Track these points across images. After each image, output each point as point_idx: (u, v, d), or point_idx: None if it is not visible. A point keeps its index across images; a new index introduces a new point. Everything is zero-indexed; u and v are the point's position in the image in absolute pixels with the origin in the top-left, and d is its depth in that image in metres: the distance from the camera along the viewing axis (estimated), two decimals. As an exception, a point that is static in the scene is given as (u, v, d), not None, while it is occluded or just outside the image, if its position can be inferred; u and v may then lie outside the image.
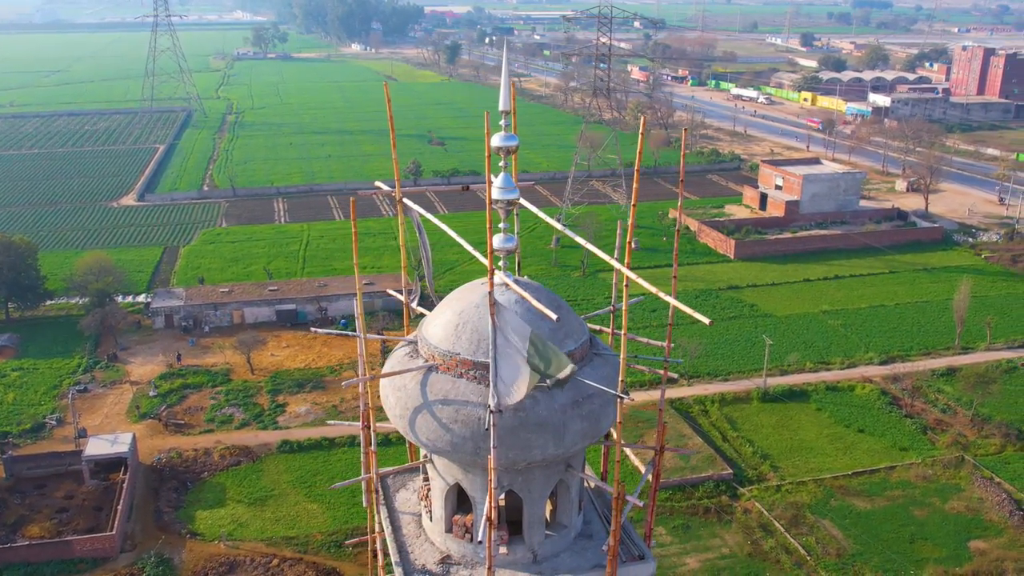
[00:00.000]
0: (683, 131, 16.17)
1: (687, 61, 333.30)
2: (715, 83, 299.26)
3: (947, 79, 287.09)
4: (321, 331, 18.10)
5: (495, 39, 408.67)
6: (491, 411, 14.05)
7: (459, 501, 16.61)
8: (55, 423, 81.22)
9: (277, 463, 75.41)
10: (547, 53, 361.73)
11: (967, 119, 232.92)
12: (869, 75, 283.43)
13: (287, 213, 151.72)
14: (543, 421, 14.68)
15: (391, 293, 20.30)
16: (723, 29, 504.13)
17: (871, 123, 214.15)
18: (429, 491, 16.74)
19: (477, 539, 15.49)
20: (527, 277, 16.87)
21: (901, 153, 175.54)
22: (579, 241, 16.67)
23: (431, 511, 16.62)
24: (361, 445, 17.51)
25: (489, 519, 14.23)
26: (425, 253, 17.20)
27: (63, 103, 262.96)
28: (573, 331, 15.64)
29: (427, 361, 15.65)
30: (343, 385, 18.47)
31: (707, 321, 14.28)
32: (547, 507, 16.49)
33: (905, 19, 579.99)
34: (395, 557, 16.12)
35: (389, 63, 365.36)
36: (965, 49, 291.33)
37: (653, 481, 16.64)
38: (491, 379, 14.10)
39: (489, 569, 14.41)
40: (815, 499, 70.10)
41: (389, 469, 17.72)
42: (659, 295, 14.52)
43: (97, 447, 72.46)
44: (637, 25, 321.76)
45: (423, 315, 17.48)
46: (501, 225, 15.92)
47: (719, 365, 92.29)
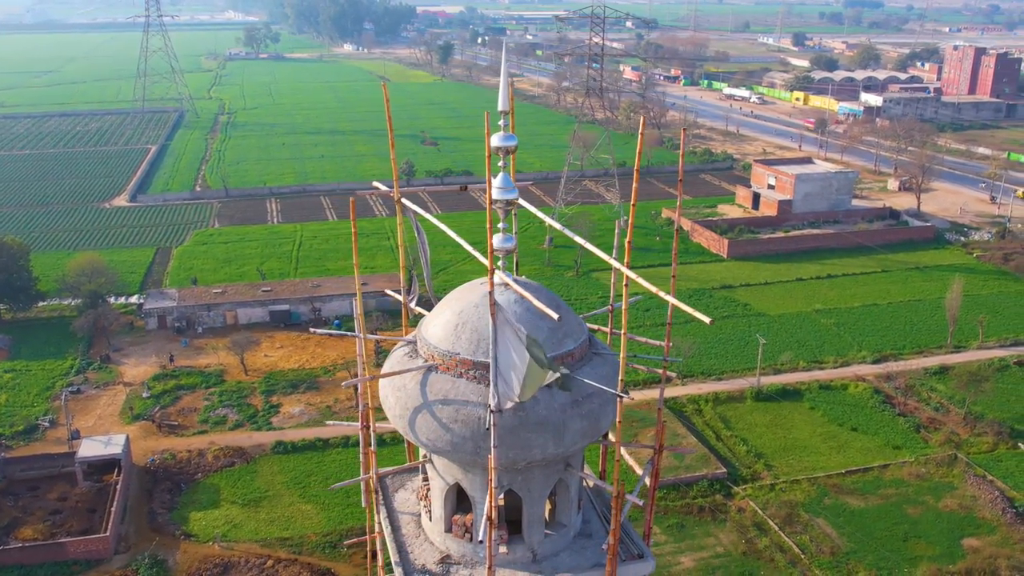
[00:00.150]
0: (682, 131, 16.20)
1: (679, 61, 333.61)
2: (707, 83, 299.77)
3: (938, 79, 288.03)
4: (320, 331, 18.09)
5: (488, 39, 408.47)
6: (491, 411, 14.07)
7: (458, 501, 16.62)
8: (48, 425, 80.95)
9: (271, 464, 75.30)
10: (540, 53, 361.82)
11: (958, 118, 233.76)
12: (861, 75, 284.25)
13: (280, 214, 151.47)
14: (543, 420, 14.71)
15: (389, 293, 20.29)
16: (715, 29, 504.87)
17: (863, 122, 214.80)
18: (428, 491, 16.75)
19: (478, 539, 15.51)
20: (525, 277, 16.88)
21: (893, 152, 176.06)
22: (579, 241, 16.69)
23: (430, 511, 16.63)
24: (360, 445, 17.50)
25: (489, 518, 14.25)
26: (424, 253, 17.19)
27: (54, 104, 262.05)
28: (573, 330, 15.66)
29: (427, 361, 15.66)
30: (343, 385, 18.46)
31: (707, 320, 14.32)
32: (546, 506, 16.50)
33: (896, 19, 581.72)
34: (395, 557, 16.13)
35: (381, 63, 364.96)
36: (956, 49, 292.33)
37: (652, 480, 16.67)
38: (491, 379, 14.11)
39: (489, 568, 14.43)
40: (809, 498, 70.28)
41: (388, 469, 17.72)
42: (659, 294, 14.54)
43: (90, 449, 72.23)
44: (629, 25, 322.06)
45: (420, 315, 17.50)
46: (500, 225, 15.93)
47: (713, 364, 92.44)
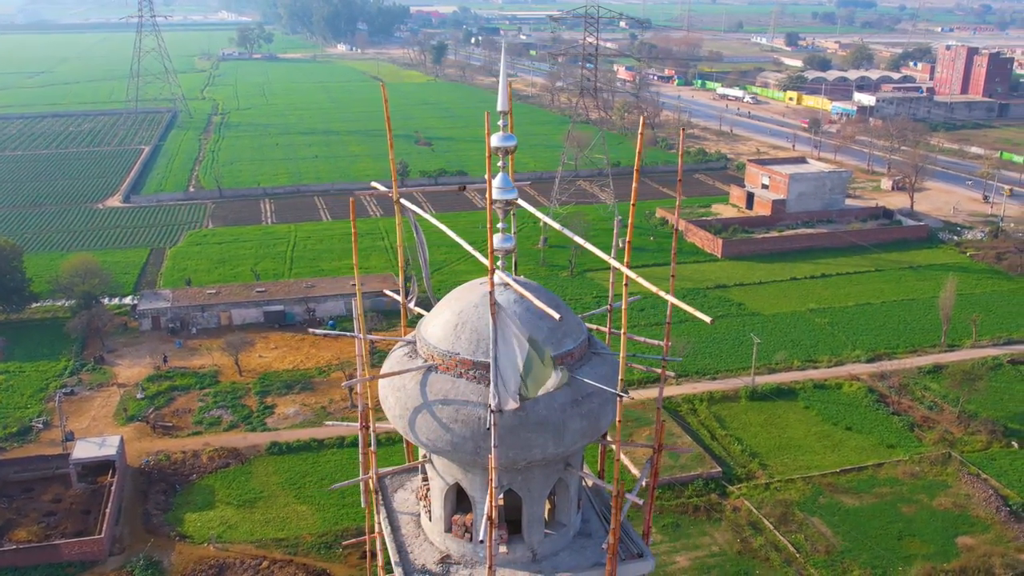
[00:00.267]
0: (680, 131, 16.22)
1: (673, 61, 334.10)
2: (701, 83, 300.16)
3: (931, 78, 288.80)
4: (319, 332, 18.07)
5: (481, 39, 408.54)
6: (492, 410, 14.07)
7: (458, 501, 16.63)
8: (42, 426, 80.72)
9: (266, 465, 75.19)
10: (533, 53, 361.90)
11: (951, 118, 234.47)
12: (854, 74, 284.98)
13: (274, 214, 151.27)
14: (543, 420, 14.72)
15: (388, 294, 20.27)
16: (709, 29, 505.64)
17: (856, 122, 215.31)
18: (428, 491, 16.75)
19: (478, 539, 15.51)
20: (523, 277, 16.89)
21: (886, 152, 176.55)
22: (579, 241, 16.70)
23: (430, 511, 16.63)
24: (360, 445, 17.49)
25: (490, 518, 14.26)
26: (422, 254, 17.18)
27: (47, 104, 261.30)
28: (572, 330, 15.68)
29: (426, 361, 15.65)
30: (343, 386, 18.42)
31: (708, 320, 14.34)
32: (546, 506, 16.51)
33: (889, 19, 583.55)
34: (395, 557, 16.12)
35: (375, 63, 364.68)
36: (949, 48, 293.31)
37: (651, 479, 16.70)
38: (491, 378, 14.11)
39: (490, 568, 14.44)
40: (804, 497, 70.41)
41: (387, 469, 17.71)
42: (660, 294, 14.56)
43: (84, 450, 72.00)
44: (623, 25, 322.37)
45: (417, 316, 17.49)
46: (499, 225, 15.93)
47: (707, 364, 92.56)
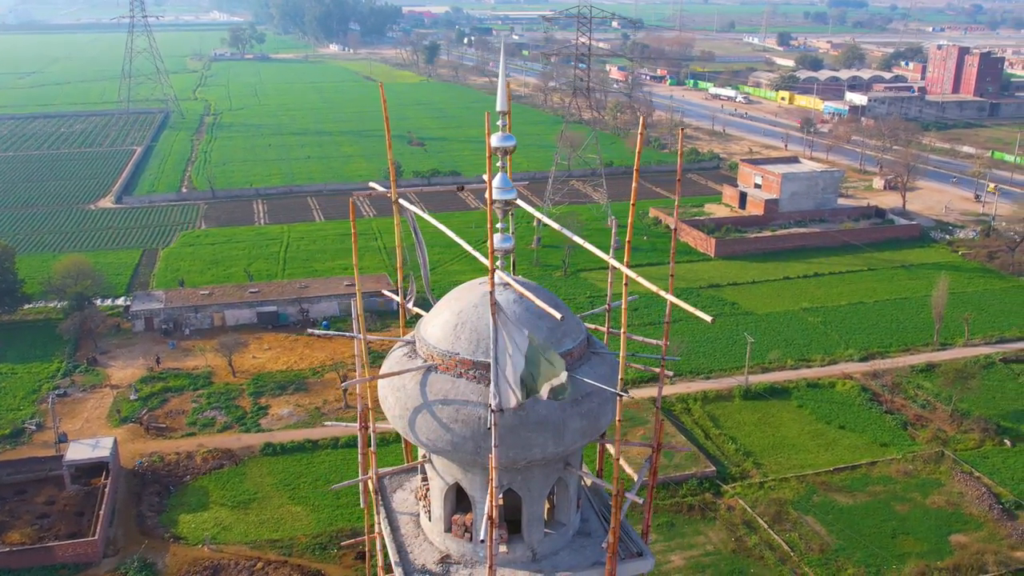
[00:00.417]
0: (679, 131, 16.26)
1: (665, 61, 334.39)
2: (693, 83, 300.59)
3: (923, 78, 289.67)
4: (318, 332, 18.06)
5: (474, 39, 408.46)
6: (492, 410, 14.09)
7: (457, 500, 16.65)
8: (35, 428, 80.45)
9: (260, 466, 75.07)
10: (526, 53, 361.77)
11: (943, 117, 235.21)
12: (846, 74, 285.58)
13: (267, 215, 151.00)
14: (543, 420, 14.74)
15: (386, 294, 20.27)
16: (701, 29, 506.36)
17: (848, 122, 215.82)
18: (428, 491, 16.76)
19: (478, 538, 15.53)
20: (520, 277, 16.91)
21: (878, 151, 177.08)
22: (578, 241, 16.75)
23: (430, 511, 16.64)
24: (359, 446, 17.49)
25: (490, 518, 14.27)
26: (421, 254, 17.19)
27: (38, 105, 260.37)
28: (571, 330, 15.71)
29: (426, 361, 15.66)
30: (343, 386, 18.45)
31: (708, 319, 14.38)
32: (545, 505, 16.54)
33: (881, 18, 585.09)
34: (394, 557, 16.13)
35: (367, 63, 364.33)
36: (940, 48, 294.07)
37: (651, 478, 16.74)
38: (492, 378, 14.13)
39: (490, 568, 14.45)
40: (798, 495, 70.59)
41: (387, 469, 17.72)
42: (660, 293, 14.60)
43: (78, 452, 71.78)
44: (615, 25, 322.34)
45: (416, 316, 17.50)
46: (498, 225, 15.95)
47: (701, 363, 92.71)
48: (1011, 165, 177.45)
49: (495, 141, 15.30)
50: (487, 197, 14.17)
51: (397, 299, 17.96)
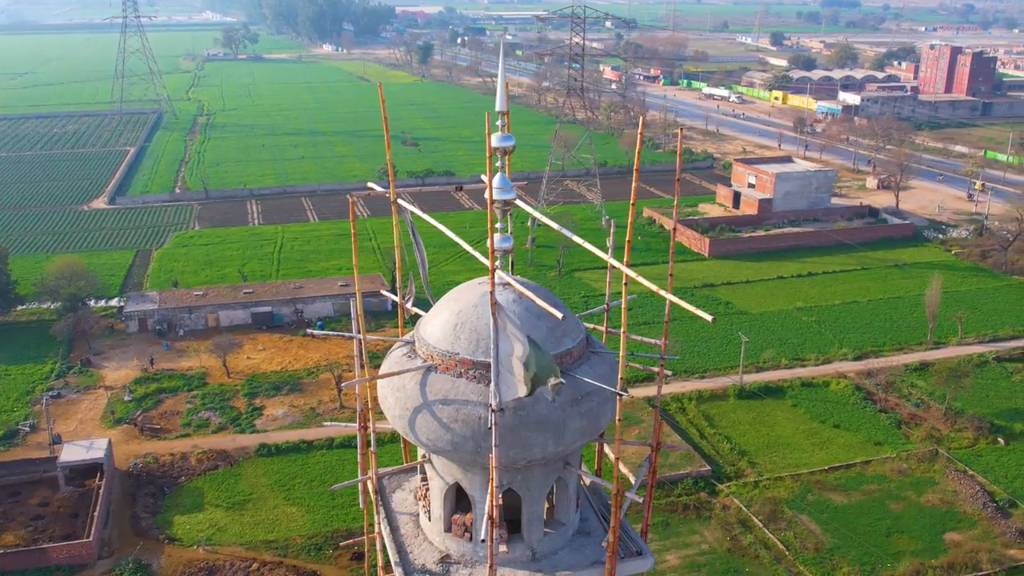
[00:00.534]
0: (679, 132, 16.29)
1: (659, 61, 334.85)
2: (687, 82, 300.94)
3: (915, 77, 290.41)
4: (318, 333, 18.06)
5: (467, 39, 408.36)
6: (493, 410, 14.10)
7: (457, 500, 16.66)
8: (29, 429, 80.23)
9: (255, 466, 74.97)
10: (519, 53, 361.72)
11: (935, 117, 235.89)
12: (839, 74, 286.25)
13: (261, 215, 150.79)
14: (543, 419, 14.76)
15: (385, 294, 20.26)
16: (694, 29, 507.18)
17: (841, 121, 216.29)
18: (427, 491, 16.76)
19: (478, 538, 15.54)
20: (519, 277, 16.92)
21: (871, 151, 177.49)
22: (577, 241, 16.75)
23: (429, 511, 16.64)
24: (358, 446, 17.49)
25: (491, 518, 14.29)
26: (420, 254, 17.19)
27: (31, 105, 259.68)
28: (571, 329, 15.73)
29: (426, 361, 15.67)
30: (343, 386, 18.39)
31: (709, 318, 14.41)
32: (544, 505, 16.56)
33: (873, 18, 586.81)
34: (394, 557, 16.14)
35: (361, 63, 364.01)
36: (933, 48, 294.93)
37: (650, 477, 16.78)
38: (492, 378, 14.14)
39: (491, 568, 14.47)
40: (792, 494, 70.73)
41: (386, 470, 17.72)
42: (660, 292, 14.63)
43: (72, 453, 71.60)
44: (609, 25, 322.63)
45: (415, 316, 17.50)
46: (497, 225, 15.96)
47: (695, 362, 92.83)
48: (1004, 164, 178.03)
49: (495, 141, 15.31)
50: (487, 197, 14.18)
51: (396, 299, 17.96)
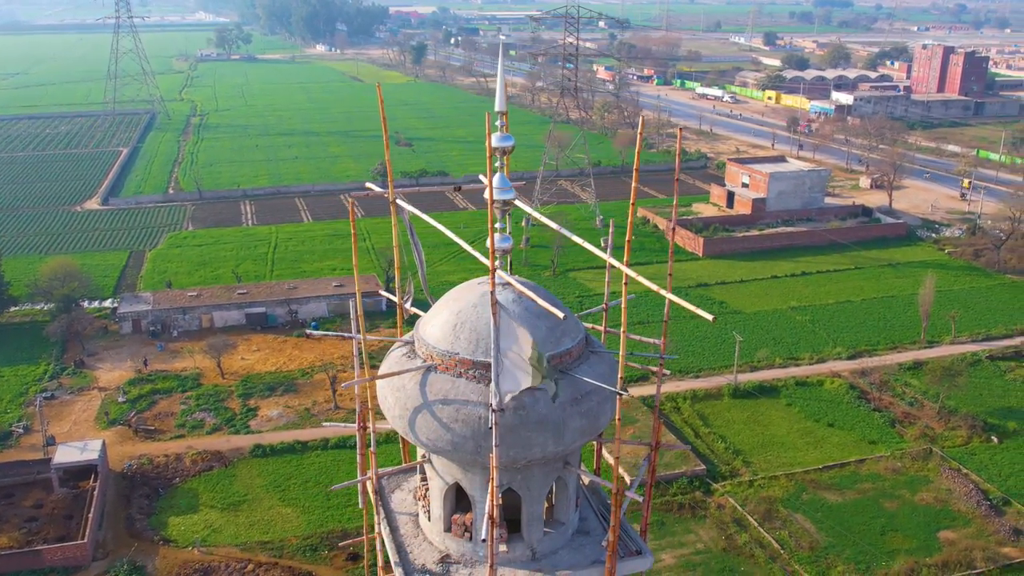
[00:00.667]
0: (678, 131, 16.31)
1: (652, 60, 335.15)
2: (680, 82, 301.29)
3: (908, 77, 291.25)
4: (317, 334, 18.05)
5: (461, 40, 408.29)
6: (493, 410, 14.11)
7: (457, 500, 16.66)
8: (22, 431, 79.98)
9: (250, 467, 74.86)
10: (513, 53, 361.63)
11: (928, 116, 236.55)
12: (832, 73, 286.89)
13: (255, 215, 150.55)
14: (543, 419, 14.77)
15: (383, 294, 20.26)
16: (687, 28, 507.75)
17: (834, 121, 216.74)
18: (427, 491, 16.76)
19: (478, 538, 15.54)
20: (519, 276, 16.93)
21: (864, 150, 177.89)
22: (577, 241, 16.78)
23: (429, 511, 16.64)
24: (358, 446, 17.48)
25: (491, 517, 14.30)
26: (418, 255, 17.20)
27: (23, 106, 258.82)
28: (570, 329, 15.74)
29: (425, 361, 15.67)
30: (342, 387, 18.42)
31: (710, 318, 14.44)
32: (544, 504, 16.58)
33: (866, 18, 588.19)
34: (394, 557, 16.13)
35: (354, 64, 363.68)
36: (925, 48, 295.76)
37: (649, 476, 16.80)
38: (492, 378, 14.15)
39: (491, 567, 14.48)
40: (787, 493, 70.88)
41: (386, 470, 17.72)
42: (660, 291, 14.66)
43: (66, 455, 71.43)
44: (602, 25, 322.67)
45: (415, 315, 17.51)
46: (497, 225, 15.97)
47: (690, 362, 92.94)
48: (996, 164, 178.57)
49: (495, 141, 15.32)
50: (487, 197, 14.19)
51: (394, 299, 17.95)
